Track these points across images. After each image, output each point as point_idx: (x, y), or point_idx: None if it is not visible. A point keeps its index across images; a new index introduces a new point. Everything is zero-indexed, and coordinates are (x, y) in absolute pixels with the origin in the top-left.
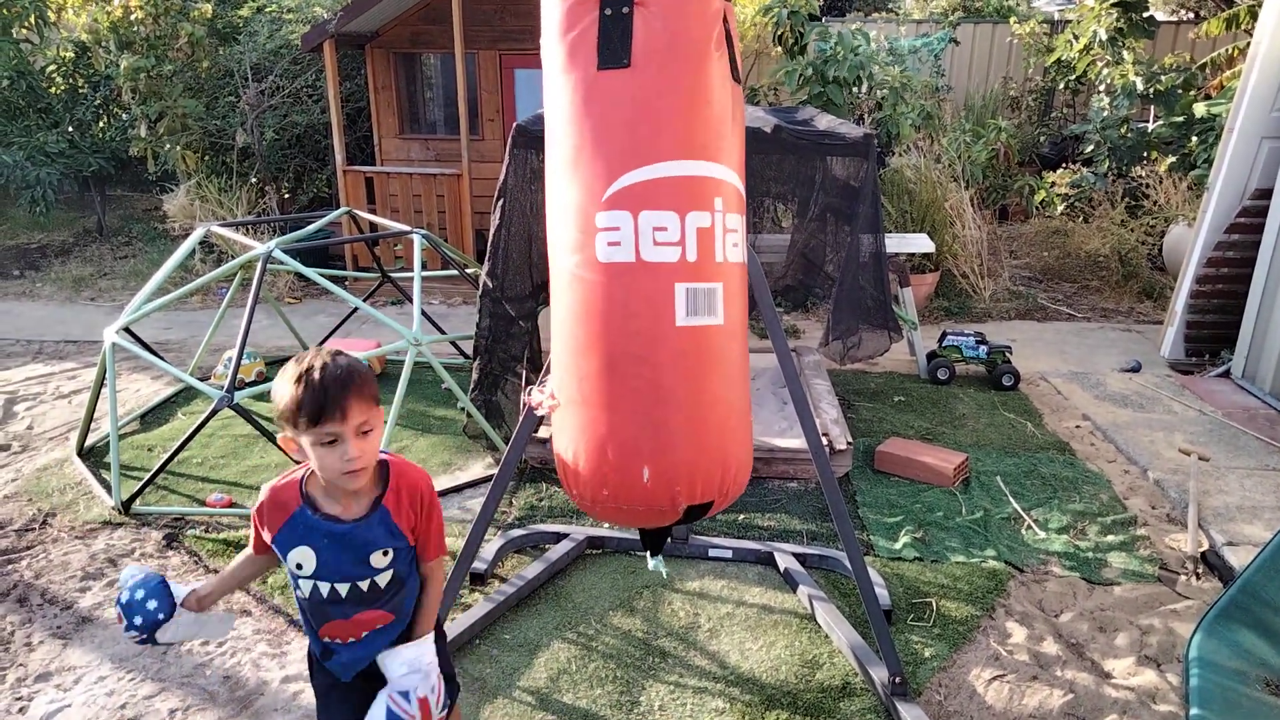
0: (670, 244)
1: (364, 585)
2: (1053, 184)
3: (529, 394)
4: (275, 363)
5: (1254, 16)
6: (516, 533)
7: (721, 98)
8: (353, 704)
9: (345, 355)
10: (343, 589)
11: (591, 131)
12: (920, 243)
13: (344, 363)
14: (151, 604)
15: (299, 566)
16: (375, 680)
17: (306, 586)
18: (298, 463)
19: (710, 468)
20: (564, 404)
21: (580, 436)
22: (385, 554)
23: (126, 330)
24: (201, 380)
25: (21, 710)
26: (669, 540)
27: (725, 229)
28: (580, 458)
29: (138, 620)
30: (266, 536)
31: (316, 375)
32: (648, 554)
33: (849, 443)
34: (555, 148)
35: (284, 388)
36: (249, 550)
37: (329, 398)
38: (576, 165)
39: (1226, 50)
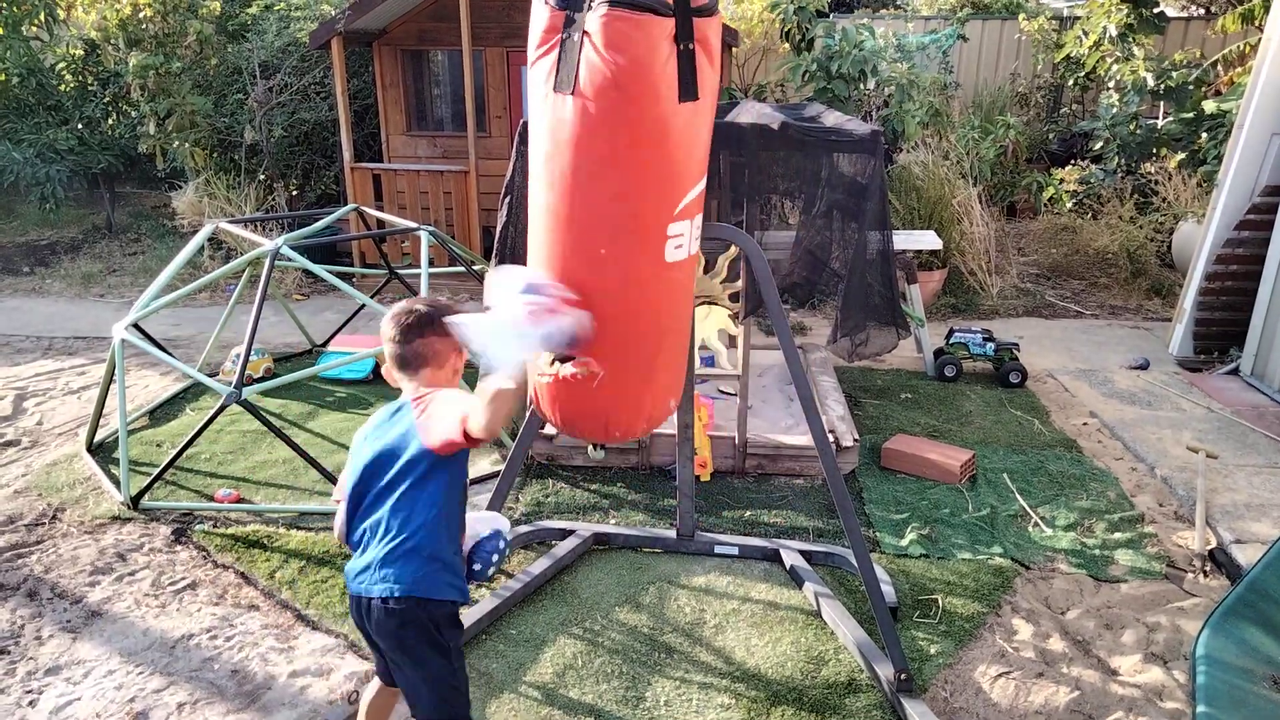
0: (697, 235)
1: None
2: (1061, 181)
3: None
4: (283, 359)
5: (1269, 11)
6: (523, 529)
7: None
8: None
9: None
10: None
11: (668, 156)
12: (928, 240)
13: None
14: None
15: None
16: None
17: None
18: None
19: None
20: (612, 371)
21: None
22: None
23: (135, 326)
24: (210, 376)
25: (31, 703)
26: (678, 538)
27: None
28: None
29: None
30: None
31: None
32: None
33: (855, 440)
34: (637, 169)
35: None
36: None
37: None
38: (651, 186)
39: (1238, 46)
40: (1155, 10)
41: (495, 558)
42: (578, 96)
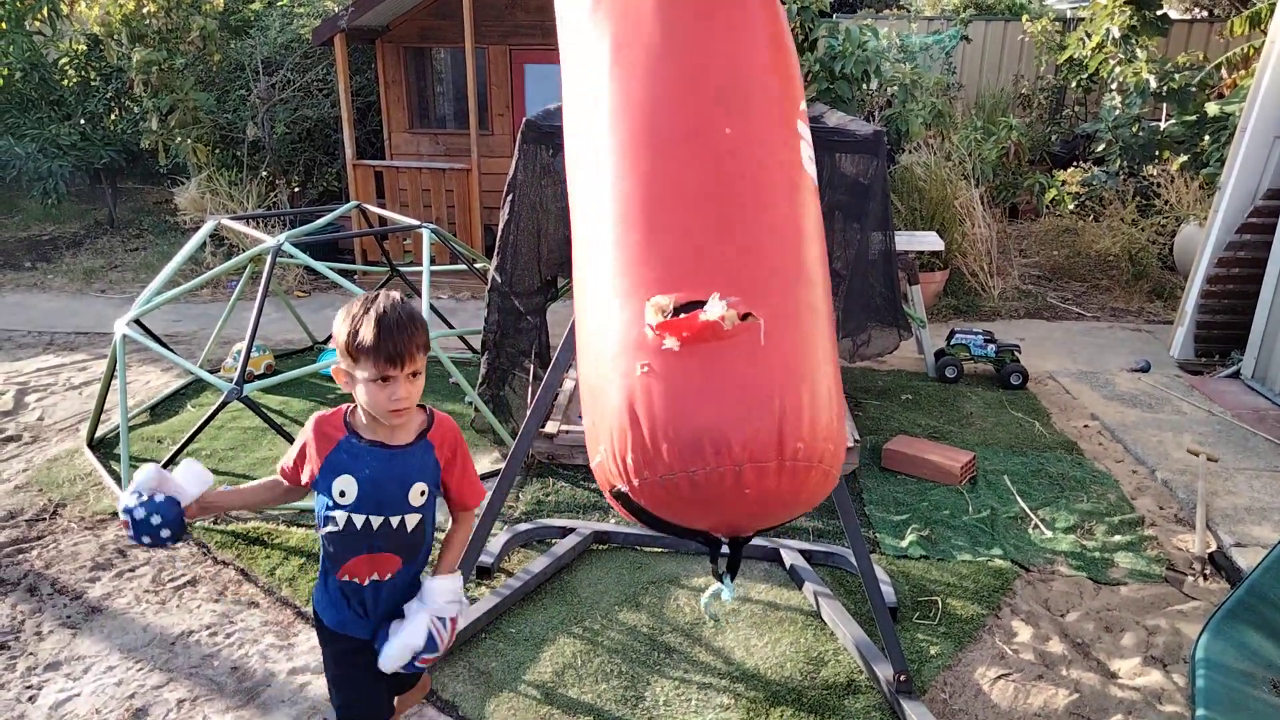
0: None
1: (394, 522)
2: (1063, 182)
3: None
4: (284, 356)
5: (1274, 14)
6: (523, 527)
7: None
8: (366, 658)
9: (407, 301)
10: (376, 522)
11: (786, 41)
12: (929, 240)
13: (408, 310)
14: (165, 533)
15: (341, 495)
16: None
17: (341, 518)
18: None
19: None
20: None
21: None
22: (422, 493)
23: (137, 322)
24: (211, 373)
25: (31, 699)
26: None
27: None
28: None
29: (145, 539)
30: (310, 469)
31: (388, 319)
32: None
33: (856, 440)
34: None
35: (353, 324)
36: (277, 477)
37: (393, 342)
38: (776, 74)
39: (1241, 49)
40: (1158, 12)
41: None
42: None
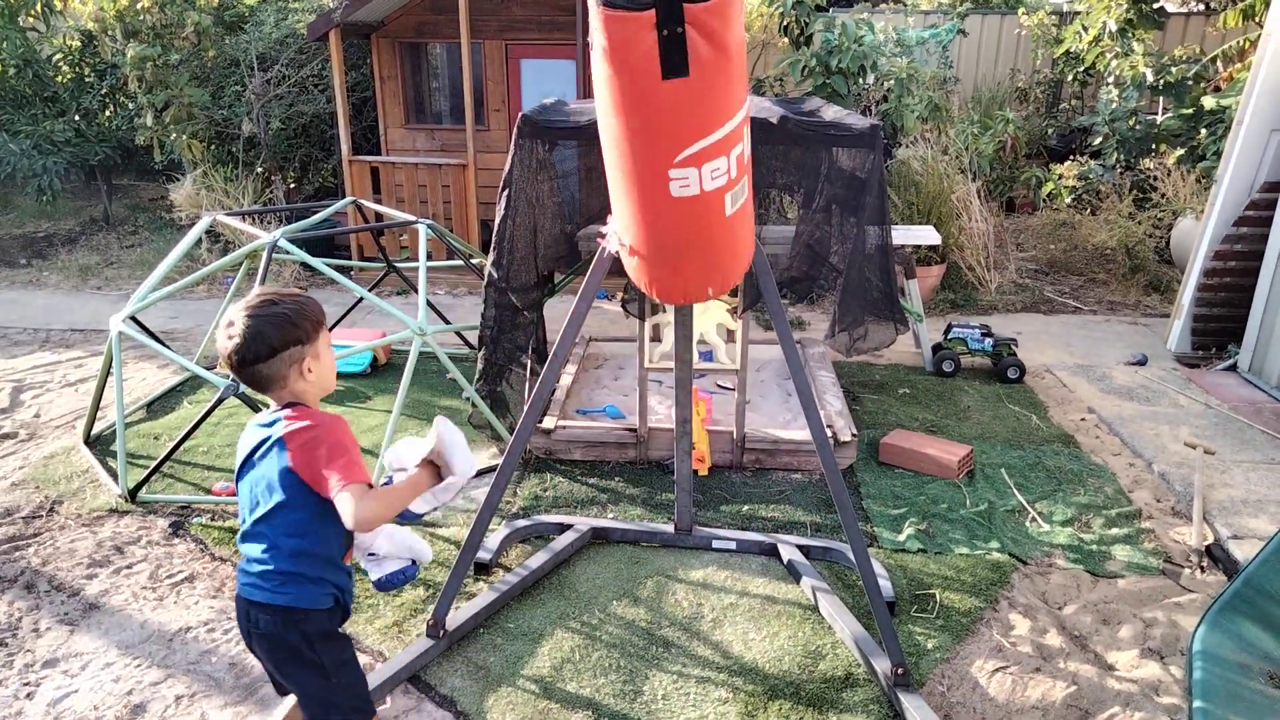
0: (721, 175)
1: None
2: (1060, 176)
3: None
4: None
5: (1269, 7)
6: (521, 523)
7: (742, 70)
8: None
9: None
10: None
11: (658, 121)
12: (926, 235)
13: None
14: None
15: None
16: None
17: None
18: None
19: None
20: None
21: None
22: None
23: (133, 319)
24: (207, 369)
25: (29, 696)
26: (676, 533)
27: (746, 144)
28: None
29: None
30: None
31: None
32: None
33: (853, 434)
34: (619, 131)
35: (309, 308)
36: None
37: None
38: (645, 142)
39: (1237, 43)
40: (1155, 6)
41: (402, 581)
42: (598, 66)
